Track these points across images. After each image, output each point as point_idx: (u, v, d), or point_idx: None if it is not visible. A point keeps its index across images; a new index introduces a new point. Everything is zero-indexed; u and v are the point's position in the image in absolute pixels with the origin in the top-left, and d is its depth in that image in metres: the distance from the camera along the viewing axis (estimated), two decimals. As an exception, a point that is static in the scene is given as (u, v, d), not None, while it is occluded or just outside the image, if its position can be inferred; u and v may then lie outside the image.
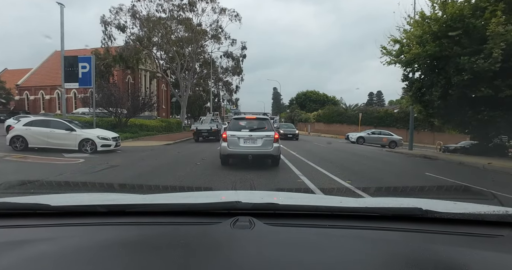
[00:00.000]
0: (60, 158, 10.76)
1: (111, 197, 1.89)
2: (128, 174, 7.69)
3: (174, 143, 18.91)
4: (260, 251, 1.02)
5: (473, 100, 13.29)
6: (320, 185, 6.40)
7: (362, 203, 1.66)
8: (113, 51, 33.14)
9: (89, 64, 16.60)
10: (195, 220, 1.26)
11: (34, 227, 1.25)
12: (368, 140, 25.79)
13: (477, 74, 11.67)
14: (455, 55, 12.24)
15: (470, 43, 11.92)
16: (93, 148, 12.40)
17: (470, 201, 1.79)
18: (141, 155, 12.35)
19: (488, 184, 7.45)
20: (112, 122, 20.55)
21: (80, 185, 4.08)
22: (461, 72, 12.14)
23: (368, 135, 26.46)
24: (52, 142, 12.28)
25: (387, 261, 1.02)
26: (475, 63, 11.44)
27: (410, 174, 10.14)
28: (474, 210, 1.33)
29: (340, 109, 46.09)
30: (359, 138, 25.97)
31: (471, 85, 12.35)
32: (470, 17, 11.72)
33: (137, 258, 1.01)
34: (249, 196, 1.80)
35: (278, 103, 76.88)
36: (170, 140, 19.71)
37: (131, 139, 19.33)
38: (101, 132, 13.53)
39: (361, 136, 26.31)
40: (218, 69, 42.11)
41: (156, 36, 35.23)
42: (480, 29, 11.65)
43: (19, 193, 3.91)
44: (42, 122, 12.95)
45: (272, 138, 8.45)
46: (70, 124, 12.83)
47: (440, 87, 13.57)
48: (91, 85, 16.77)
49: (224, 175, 7.56)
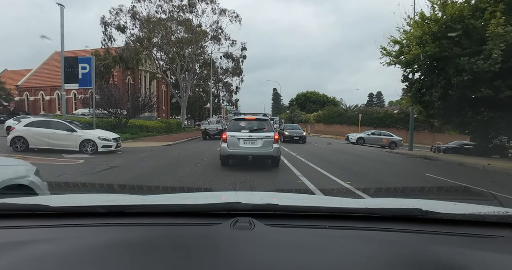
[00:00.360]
0: (60, 159, 10.76)
1: (110, 197, 1.88)
2: (128, 175, 7.69)
3: (174, 143, 18.91)
4: (260, 252, 1.03)
5: (473, 101, 13.31)
6: (320, 186, 6.39)
7: (362, 203, 1.66)
8: (113, 52, 33.16)
9: (89, 65, 16.62)
10: (194, 221, 1.26)
11: (33, 227, 1.24)
12: (368, 140, 25.78)
13: (477, 75, 11.70)
14: (455, 56, 12.26)
15: (470, 44, 11.94)
16: (94, 149, 12.41)
17: (470, 202, 1.77)
18: (141, 155, 12.36)
19: (488, 184, 7.47)
20: (112, 123, 20.54)
21: (80, 185, 4.10)
22: (461, 73, 12.17)
23: (368, 135, 26.44)
24: (53, 142, 12.29)
25: (387, 262, 1.02)
26: (475, 64, 11.46)
27: (410, 174, 10.16)
28: (474, 211, 1.33)
29: (340, 110, 46.11)
30: (359, 138, 25.95)
31: (471, 86, 12.37)
32: (470, 18, 11.75)
33: (137, 259, 1.01)
34: (249, 197, 1.80)
35: (278, 104, 76.90)
36: (170, 141, 19.70)
37: (131, 139, 19.31)
38: (102, 133, 13.54)
39: (361, 136, 26.30)
40: (218, 70, 42.16)
41: (156, 37, 35.27)
42: (480, 30, 11.67)
43: (19, 193, 4.02)
44: (43, 123, 12.96)
45: (272, 138, 8.43)
46: (71, 125, 12.84)
47: (440, 88, 13.59)
48: (91, 86, 16.79)
49: (223, 175, 7.56)
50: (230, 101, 48.32)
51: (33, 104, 46.18)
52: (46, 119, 14.21)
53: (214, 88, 46.26)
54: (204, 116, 51.15)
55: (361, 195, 5.00)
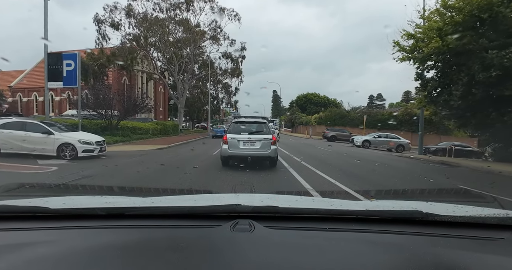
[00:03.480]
0: (32, 165, 9.34)
1: (110, 199, 1.75)
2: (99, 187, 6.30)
3: (168, 147, 17.50)
4: (260, 255, 1.02)
5: (498, 101, 11.90)
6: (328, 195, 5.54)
7: (362, 206, 1.61)
8: (108, 52, 31.83)
9: (74, 62, 15.19)
10: (194, 223, 1.26)
11: (33, 230, 1.25)
12: (374, 143, 24.19)
13: (507, 71, 10.30)
14: (481, 49, 10.87)
15: (499, 36, 10.56)
16: (73, 154, 10.99)
17: (471, 204, 1.55)
18: (126, 161, 10.97)
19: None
20: (102, 125, 19.14)
21: (79, 187, 4.05)
22: (488, 68, 10.75)
23: (374, 138, 24.77)
24: (27, 146, 10.90)
25: (388, 264, 1.02)
26: (505, 57, 10.08)
27: (440, 186, 8.64)
28: (475, 213, 1.34)
29: (342, 112, 44.36)
30: (365, 141, 24.35)
31: (498, 84, 10.98)
32: (499, 5, 10.35)
33: (137, 261, 1.01)
34: (249, 199, 1.81)
35: (278, 106, 76.12)
36: (164, 144, 18.26)
37: (122, 142, 17.85)
38: (84, 135, 12.13)
39: (367, 139, 24.70)
40: (217, 70, 40.96)
41: (153, 36, 34.00)
42: (510, 20, 10.29)
43: (18, 195, 3.76)
44: (17, 124, 11.55)
45: (270, 140, 8.82)
46: (49, 127, 11.43)
47: (462, 85, 12.17)
48: (76, 84, 15.34)
49: (218, 185, 6.25)
50: (229, 103, 46.91)
51: (26, 105, 44.86)
52: (21, 120, 12.78)
53: (213, 90, 45.08)
54: (203, 118, 49.91)
55: (360, 197, 4.95)
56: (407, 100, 68.07)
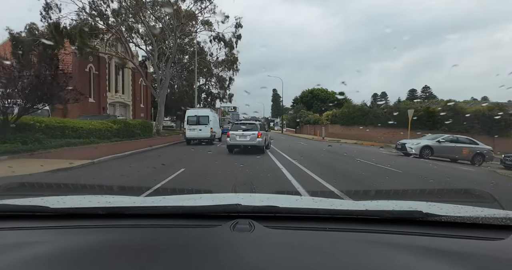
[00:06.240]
0: None
1: (109, 199, 1.75)
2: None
3: (95, 162, 9.66)
4: (259, 254, 1.02)
5: None
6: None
7: (362, 205, 1.55)
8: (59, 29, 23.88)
9: None
10: (194, 223, 1.25)
11: (32, 229, 1.24)
12: (439, 151, 15.91)
13: None
14: None
15: None
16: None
17: (471, 204, 1.56)
18: None
19: None
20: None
21: (79, 187, 3.96)
22: None
23: (438, 143, 16.30)
24: None
25: (387, 264, 1.00)
26: None
27: None
28: (475, 213, 1.32)
29: (363, 108, 35.66)
30: (425, 147, 15.96)
31: None
32: None
33: (136, 261, 0.99)
34: (249, 199, 1.80)
35: (278, 105, 73.28)
36: (90, 157, 10.22)
37: (18, 154, 10.06)
38: None
39: (428, 144, 16.17)
40: (208, 57, 33.28)
41: (124, 8, 26.22)
42: None
43: (17, 194, 3.39)
44: None
45: (256, 135, 13.72)
46: None
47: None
48: None
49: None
50: (224, 98, 39.08)
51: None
52: None
53: (205, 84, 37.56)
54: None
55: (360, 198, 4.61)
56: (412, 99, 61.38)
